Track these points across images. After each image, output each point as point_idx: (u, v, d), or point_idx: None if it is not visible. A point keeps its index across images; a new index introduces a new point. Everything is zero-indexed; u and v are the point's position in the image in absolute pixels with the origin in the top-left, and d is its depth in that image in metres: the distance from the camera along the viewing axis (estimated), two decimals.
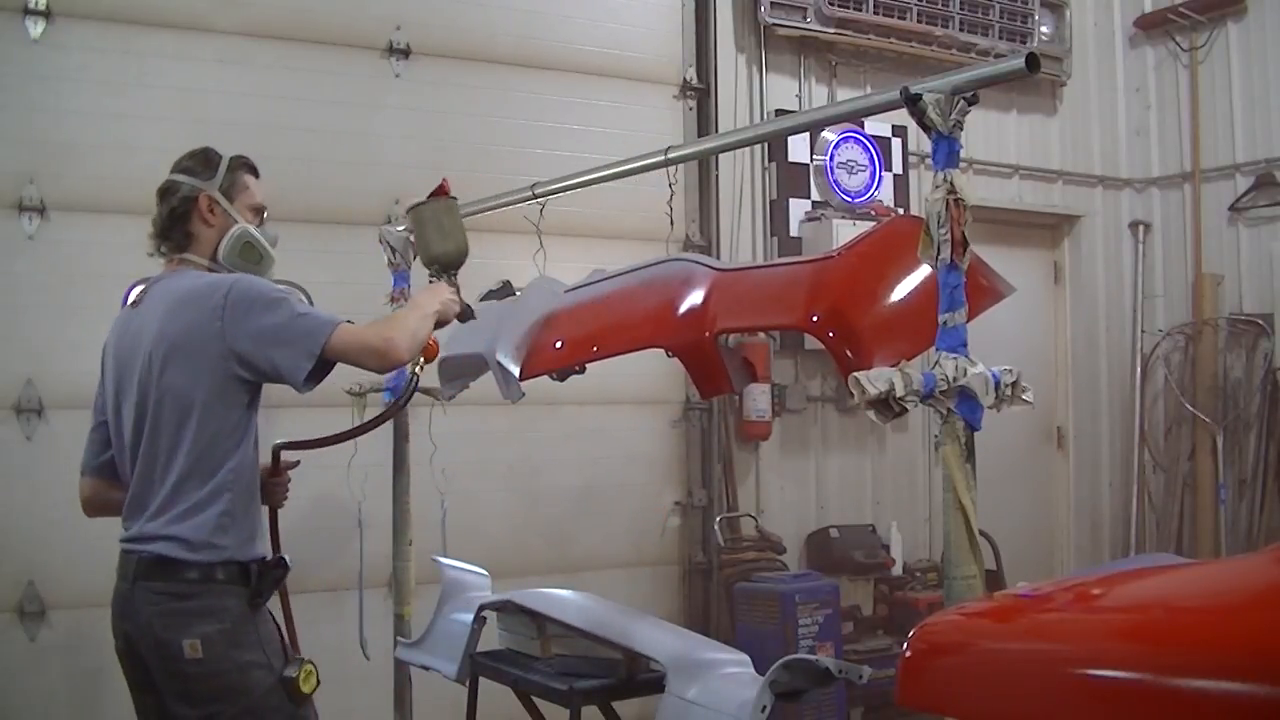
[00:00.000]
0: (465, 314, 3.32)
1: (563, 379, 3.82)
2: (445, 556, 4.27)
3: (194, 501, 2.75)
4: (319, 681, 2.84)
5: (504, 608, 3.81)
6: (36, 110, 4.71)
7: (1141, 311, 7.45)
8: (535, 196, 3.85)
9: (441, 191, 3.45)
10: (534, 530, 5.57)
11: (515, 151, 5.48)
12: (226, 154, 3.05)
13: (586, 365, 3.76)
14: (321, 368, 2.78)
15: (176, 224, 2.97)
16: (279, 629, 2.93)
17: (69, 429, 4.68)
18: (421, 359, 3.20)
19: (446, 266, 3.41)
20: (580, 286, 3.86)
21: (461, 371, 4.02)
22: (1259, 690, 1.56)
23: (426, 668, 4.04)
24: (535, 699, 3.79)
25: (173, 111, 4.91)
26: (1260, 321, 6.85)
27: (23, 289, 4.71)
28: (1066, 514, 7.46)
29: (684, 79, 6.12)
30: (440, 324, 3.15)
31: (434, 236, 3.41)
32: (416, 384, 3.27)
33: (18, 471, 4.64)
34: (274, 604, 2.99)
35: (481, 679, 3.83)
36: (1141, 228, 7.53)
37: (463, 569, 4.17)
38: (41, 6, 4.70)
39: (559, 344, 3.65)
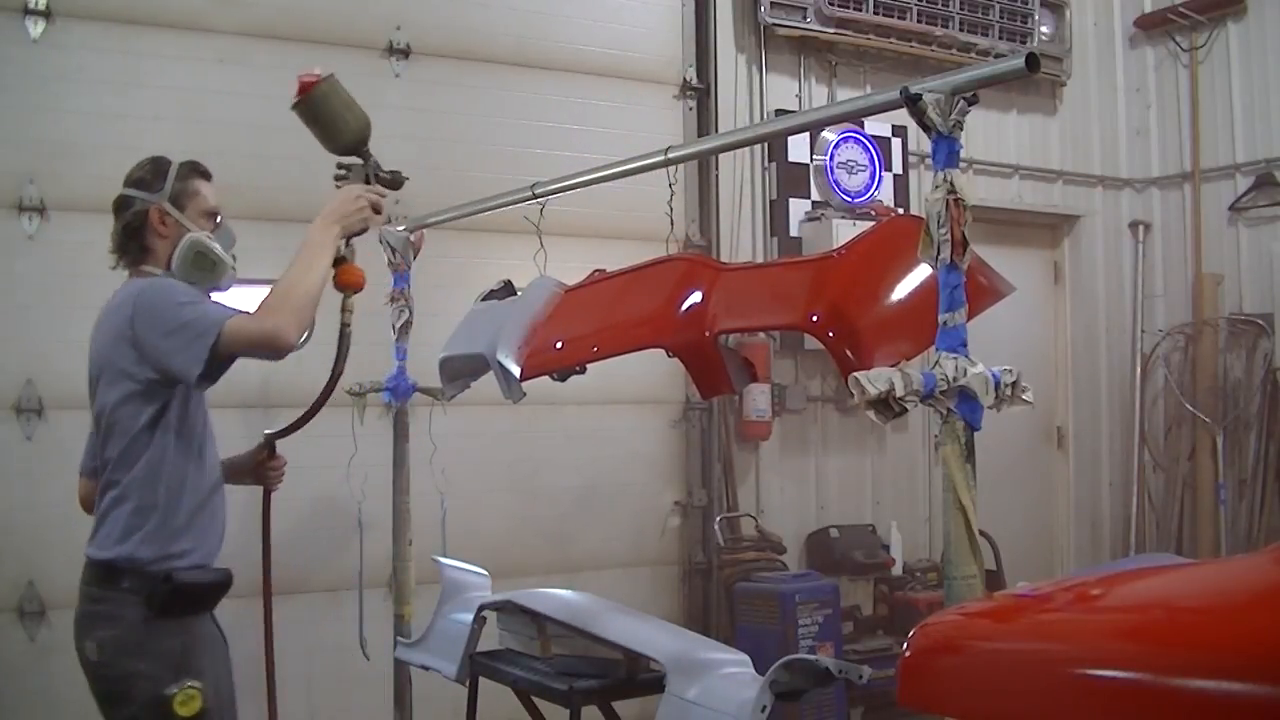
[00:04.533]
0: (394, 182, 3.30)
1: (564, 379, 3.82)
2: (445, 556, 4.27)
3: (112, 500, 2.89)
4: (203, 709, 2.83)
5: (504, 608, 3.81)
6: (36, 110, 4.71)
7: (1141, 311, 7.45)
8: (535, 196, 3.85)
9: (309, 85, 3.26)
10: (534, 530, 5.57)
11: (515, 151, 5.48)
12: (176, 160, 3.13)
13: (587, 365, 3.76)
14: (217, 367, 2.83)
15: (131, 239, 3.08)
16: (201, 644, 2.92)
17: (69, 429, 4.67)
18: (348, 296, 3.21)
19: (359, 147, 3.30)
20: (581, 286, 3.86)
21: (462, 371, 4.02)
22: (1259, 690, 1.56)
23: (426, 668, 4.04)
24: (535, 699, 3.79)
25: (173, 111, 4.91)
26: (1260, 321, 6.85)
27: (23, 289, 4.71)
28: (1066, 514, 7.46)
29: (684, 79, 6.12)
30: (358, 232, 3.14)
31: (342, 119, 3.27)
32: (347, 334, 3.28)
33: (18, 471, 4.64)
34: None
35: (481, 679, 3.83)
36: (1141, 228, 7.53)
37: (463, 569, 4.17)
38: (41, 6, 4.70)
39: (559, 344, 3.65)
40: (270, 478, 3.49)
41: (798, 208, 6.26)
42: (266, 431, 3.45)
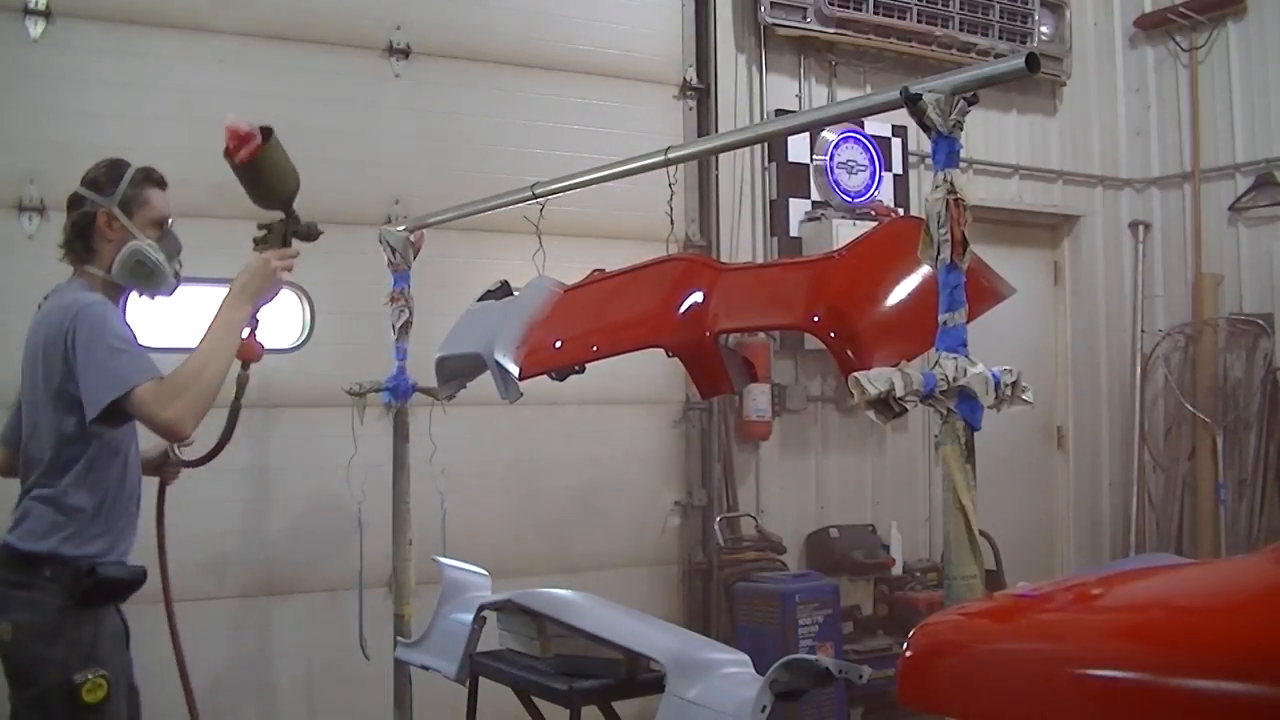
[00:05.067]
0: (310, 235, 3.33)
1: (562, 379, 3.82)
2: (445, 556, 4.27)
3: (39, 496, 3.02)
4: (108, 695, 2.97)
5: (504, 608, 3.81)
6: (36, 110, 4.70)
7: (1141, 311, 7.45)
8: (535, 196, 3.85)
9: (249, 138, 3.23)
10: (534, 530, 5.57)
11: (515, 151, 5.48)
12: (134, 165, 3.23)
13: (586, 365, 3.76)
14: (117, 417, 2.98)
15: (78, 238, 3.17)
16: (102, 637, 3.03)
17: None
18: (245, 366, 3.37)
19: (288, 203, 3.33)
20: (580, 286, 3.86)
21: (459, 371, 4.02)
22: (1259, 690, 1.56)
23: (426, 668, 4.04)
24: (535, 699, 3.79)
25: (173, 111, 4.90)
26: (1260, 321, 6.85)
27: (23, 289, 4.69)
28: (1066, 514, 7.46)
29: (684, 79, 6.12)
30: (271, 294, 3.23)
31: (280, 178, 3.30)
32: (241, 391, 3.41)
33: None
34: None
35: (481, 679, 3.83)
36: (1141, 228, 7.53)
37: (463, 569, 4.17)
38: (41, 6, 4.70)
39: (558, 343, 3.65)
40: (169, 473, 3.61)
41: (798, 208, 6.26)
42: (174, 447, 3.52)
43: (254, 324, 3.28)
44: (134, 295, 3.25)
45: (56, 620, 2.96)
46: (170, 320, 4.92)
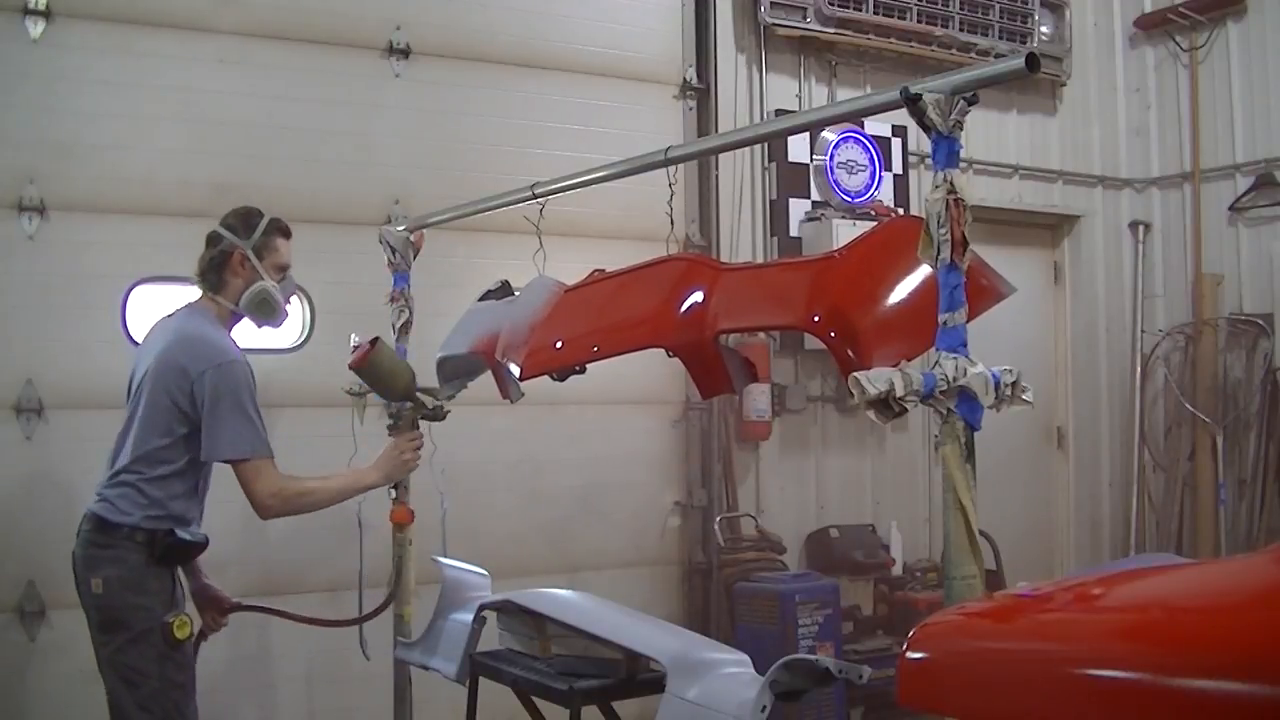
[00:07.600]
0: (436, 415, 4.05)
1: (563, 379, 3.82)
2: (445, 556, 4.27)
3: (127, 480, 3.50)
4: (192, 633, 3.57)
5: (504, 608, 3.81)
6: (36, 110, 4.71)
7: (1141, 311, 7.45)
8: (535, 196, 3.85)
9: (364, 352, 3.91)
10: (534, 530, 5.57)
11: (515, 151, 5.48)
12: (267, 215, 3.75)
13: (587, 365, 3.75)
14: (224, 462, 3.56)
15: (213, 269, 3.71)
16: (178, 586, 3.63)
17: (69, 429, 4.69)
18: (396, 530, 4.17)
19: (408, 394, 4.00)
20: (580, 286, 3.86)
21: (460, 371, 4.02)
22: (1259, 690, 1.56)
23: (426, 668, 4.04)
24: (535, 699, 3.79)
25: (173, 111, 4.91)
26: (1260, 321, 6.85)
27: (23, 289, 4.70)
28: (1066, 514, 7.46)
29: (684, 79, 6.12)
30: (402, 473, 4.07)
31: (391, 374, 3.97)
32: (403, 551, 4.22)
33: (18, 471, 4.63)
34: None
35: (481, 679, 3.83)
36: (1141, 228, 7.53)
37: (463, 569, 4.17)
38: (41, 6, 4.70)
39: (559, 344, 3.65)
40: (209, 625, 3.95)
41: (798, 208, 6.26)
42: (241, 602, 4.03)
43: (403, 491, 4.15)
44: (248, 323, 3.79)
45: (142, 573, 3.44)
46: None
